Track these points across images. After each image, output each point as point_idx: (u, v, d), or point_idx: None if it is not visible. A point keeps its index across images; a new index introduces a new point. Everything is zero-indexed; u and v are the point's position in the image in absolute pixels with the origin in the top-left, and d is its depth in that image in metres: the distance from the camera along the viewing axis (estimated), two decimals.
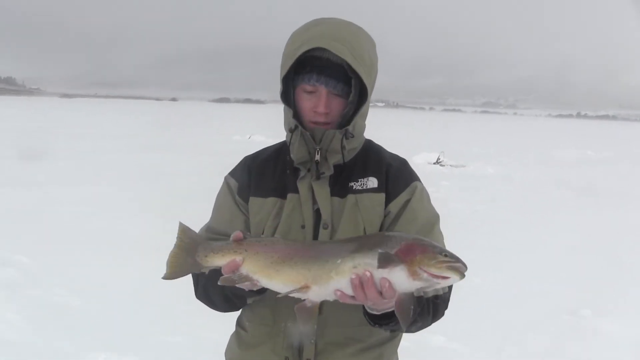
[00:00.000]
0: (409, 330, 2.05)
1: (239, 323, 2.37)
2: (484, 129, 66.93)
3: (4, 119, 44.23)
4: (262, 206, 2.19)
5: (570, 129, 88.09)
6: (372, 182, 2.19)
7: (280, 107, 2.19)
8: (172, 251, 2.07)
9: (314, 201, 2.16)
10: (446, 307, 2.14)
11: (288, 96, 2.17)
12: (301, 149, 2.13)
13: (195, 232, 2.10)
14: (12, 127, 34.18)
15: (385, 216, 2.18)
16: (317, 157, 2.13)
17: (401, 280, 1.80)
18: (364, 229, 2.14)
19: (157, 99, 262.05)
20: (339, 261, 1.84)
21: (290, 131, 2.14)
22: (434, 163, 22.67)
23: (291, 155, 2.18)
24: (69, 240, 9.14)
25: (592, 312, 7.01)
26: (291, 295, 1.91)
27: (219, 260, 1.98)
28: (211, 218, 2.32)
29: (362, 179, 2.19)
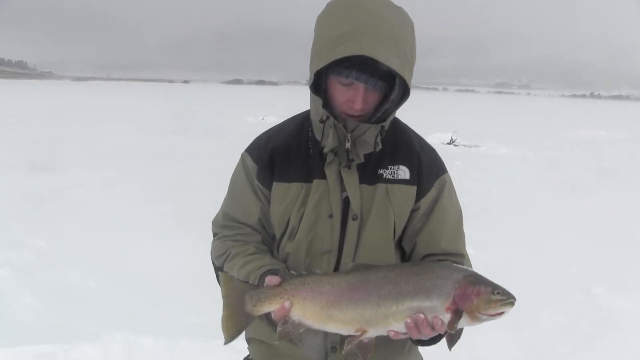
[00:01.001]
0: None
1: None
2: (497, 110, 66.55)
3: (18, 103, 44.38)
4: (286, 192, 2.13)
5: (584, 109, 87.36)
6: (404, 172, 2.14)
7: (294, 88, 2.13)
8: (223, 314, 2.09)
9: (342, 188, 2.10)
10: None
11: (318, 85, 2.08)
12: (333, 139, 2.05)
13: (238, 282, 2.08)
14: (26, 111, 34.26)
15: (414, 210, 2.16)
16: (348, 145, 2.06)
17: (461, 324, 1.90)
18: (394, 222, 2.12)
19: (170, 82, 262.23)
20: (394, 308, 1.89)
21: (321, 122, 2.05)
22: (448, 143, 22.54)
23: (320, 139, 2.10)
24: (84, 223, 9.16)
25: (604, 289, 7.00)
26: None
27: (267, 308, 2.01)
28: (226, 202, 2.29)
29: (392, 167, 2.14)
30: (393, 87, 2.08)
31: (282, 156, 2.17)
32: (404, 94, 2.08)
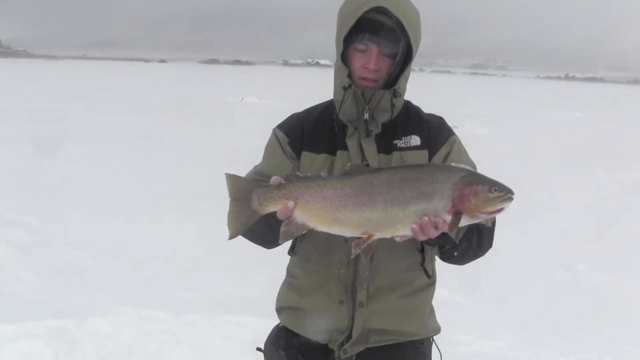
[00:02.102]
0: (458, 260, 2.33)
1: (290, 273, 2.54)
2: (474, 91, 66.79)
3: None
4: (314, 161, 2.34)
5: (559, 90, 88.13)
6: (415, 140, 2.36)
7: (270, 68, 2.29)
8: (229, 209, 2.18)
9: (363, 157, 2.31)
10: (491, 240, 2.36)
11: (342, 56, 2.32)
12: (352, 107, 2.29)
13: (244, 180, 2.22)
14: (7, 91, 33.92)
15: None
16: (366, 115, 2.29)
17: (462, 223, 2.02)
18: None
19: (146, 61, 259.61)
20: (400, 215, 2.02)
21: (344, 89, 2.28)
22: None
23: (339, 114, 2.34)
24: (73, 201, 9.28)
25: (586, 266, 7.26)
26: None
27: (272, 207, 2.11)
28: (261, 163, 2.46)
29: (405, 137, 2.36)
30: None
31: (310, 131, 2.40)
32: (409, 59, 2.34)
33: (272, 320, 2.55)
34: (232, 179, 2.19)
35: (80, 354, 4.51)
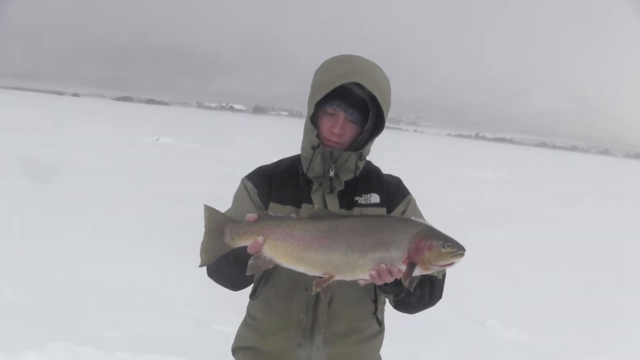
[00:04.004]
0: (410, 309, 2.51)
1: (250, 315, 2.68)
2: (386, 145, 67.78)
3: None
4: (280, 212, 2.50)
5: (470, 149, 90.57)
6: (375, 197, 2.58)
7: (184, 109, 2.44)
8: (203, 239, 2.34)
9: None
10: (441, 292, 2.54)
11: (314, 118, 2.53)
12: (319, 165, 2.49)
13: (220, 214, 2.37)
14: None
15: None
16: (332, 173, 2.50)
17: (415, 273, 2.20)
18: None
19: (59, 94, 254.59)
20: (360, 260, 2.19)
21: (313, 148, 2.48)
22: None
23: (306, 170, 2.54)
24: None
25: (497, 321, 7.56)
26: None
27: (243, 241, 2.27)
28: (230, 210, 2.60)
29: (365, 195, 2.57)
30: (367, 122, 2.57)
31: (277, 183, 2.59)
32: (379, 128, 2.57)
33: None
34: (209, 211, 2.36)
35: None
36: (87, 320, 6.16)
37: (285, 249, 2.24)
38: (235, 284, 2.58)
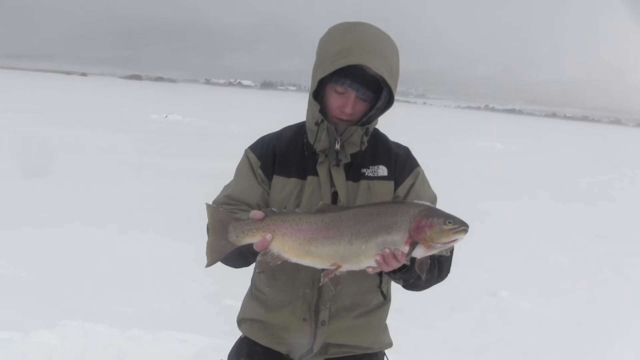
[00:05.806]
0: (420, 289, 2.46)
1: (256, 287, 2.66)
2: (395, 118, 67.60)
3: None
4: (285, 185, 2.47)
5: (479, 120, 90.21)
6: (383, 170, 2.52)
7: (192, 86, 2.37)
8: (208, 239, 2.31)
9: (332, 184, 2.45)
10: (449, 267, 2.52)
11: (316, 93, 2.44)
12: (325, 140, 2.42)
13: (223, 212, 2.32)
14: None
15: (394, 198, 2.52)
16: (338, 146, 2.43)
17: (419, 253, 2.17)
18: None
19: (67, 73, 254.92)
20: (363, 246, 2.17)
21: (316, 124, 2.42)
22: None
23: (312, 143, 2.47)
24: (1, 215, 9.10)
25: (510, 293, 7.52)
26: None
27: (249, 239, 2.24)
28: (229, 186, 2.57)
29: (373, 167, 2.51)
30: (379, 99, 2.48)
31: (281, 155, 2.53)
32: (388, 104, 2.48)
33: (212, 338, 2.60)
34: (212, 210, 2.33)
35: None
36: (99, 298, 6.19)
37: (292, 244, 2.22)
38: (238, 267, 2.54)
